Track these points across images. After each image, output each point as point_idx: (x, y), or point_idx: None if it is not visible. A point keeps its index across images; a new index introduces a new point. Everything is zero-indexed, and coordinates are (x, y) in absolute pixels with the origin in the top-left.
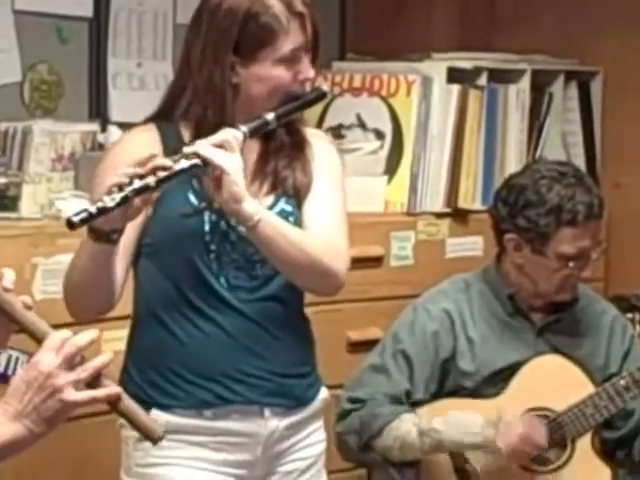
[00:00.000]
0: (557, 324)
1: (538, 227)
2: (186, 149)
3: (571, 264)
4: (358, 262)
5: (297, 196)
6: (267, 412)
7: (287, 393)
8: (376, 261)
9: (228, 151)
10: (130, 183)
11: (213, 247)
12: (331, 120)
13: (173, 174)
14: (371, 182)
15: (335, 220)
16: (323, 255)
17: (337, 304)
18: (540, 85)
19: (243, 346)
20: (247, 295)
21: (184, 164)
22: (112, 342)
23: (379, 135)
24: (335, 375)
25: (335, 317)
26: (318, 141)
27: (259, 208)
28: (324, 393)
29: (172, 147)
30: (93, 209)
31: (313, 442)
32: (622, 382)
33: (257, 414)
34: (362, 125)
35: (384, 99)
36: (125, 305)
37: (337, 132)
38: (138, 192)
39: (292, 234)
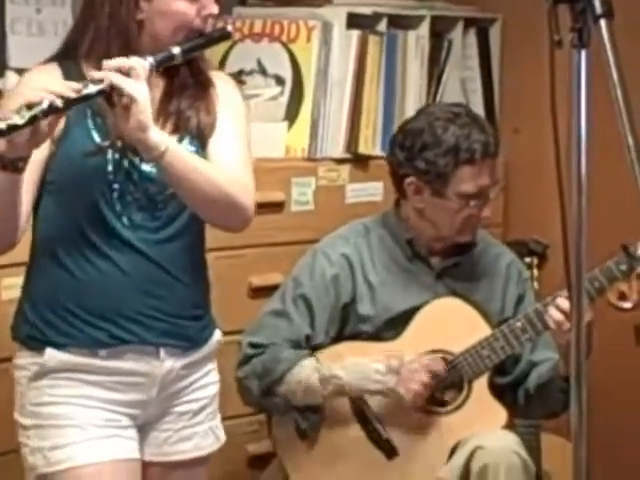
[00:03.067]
0: (455, 268)
1: (437, 168)
2: (95, 74)
3: (472, 203)
4: (259, 208)
5: (201, 136)
6: (162, 353)
7: (182, 334)
8: (277, 207)
9: (135, 79)
10: (39, 103)
11: (116, 186)
12: (232, 66)
13: (81, 98)
14: (272, 128)
15: (241, 157)
16: (232, 188)
17: (238, 249)
18: (439, 32)
19: (140, 286)
20: (149, 235)
21: (92, 89)
22: (13, 289)
23: (279, 81)
24: (236, 320)
25: (236, 262)
26: (222, 83)
27: (166, 138)
28: (218, 335)
29: None
30: (3, 125)
31: (207, 383)
32: (518, 324)
33: (152, 354)
34: (263, 71)
35: (284, 45)
36: (27, 251)
37: (238, 78)
38: (46, 113)
39: (201, 166)
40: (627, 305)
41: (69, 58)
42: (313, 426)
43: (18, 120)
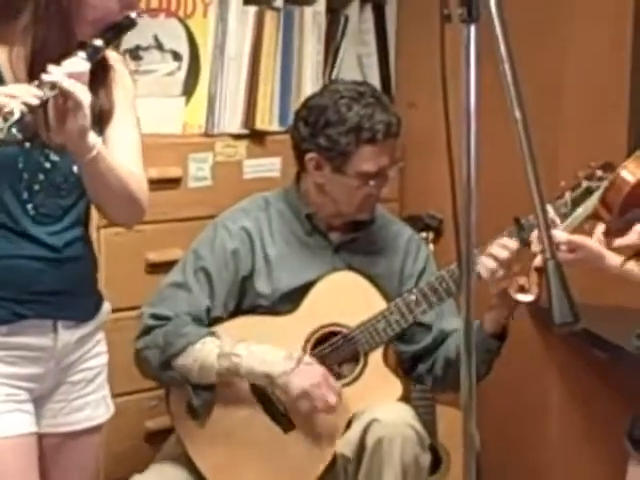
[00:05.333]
0: (353, 243)
1: (339, 146)
2: (46, 78)
3: (371, 182)
4: (157, 184)
5: (99, 123)
6: (60, 326)
7: (78, 308)
8: (174, 182)
9: (81, 84)
10: (11, 113)
11: (26, 175)
12: (128, 41)
13: (41, 104)
14: (169, 103)
15: (137, 149)
16: (137, 189)
17: (136, 226)
18: (336, 7)
19: (37, 266)
20: (52, 224)
21: (48, 94)
22: None
23: (176, 56)
24: (134, 296)
25: (134, 239)
26: (119, 66)
27: (97, 140)
28: (107, 306)
29: None
30: None
31: (98, 352)
32: (412, 297)
33: (50, 328)
34: (159, 46)
35: (181, 20)
36: None
37: (135, 53)
38: (18, 121)
39: (118, 167)
40: (529, 298)
41: None
42: (204, 404)
43: None
